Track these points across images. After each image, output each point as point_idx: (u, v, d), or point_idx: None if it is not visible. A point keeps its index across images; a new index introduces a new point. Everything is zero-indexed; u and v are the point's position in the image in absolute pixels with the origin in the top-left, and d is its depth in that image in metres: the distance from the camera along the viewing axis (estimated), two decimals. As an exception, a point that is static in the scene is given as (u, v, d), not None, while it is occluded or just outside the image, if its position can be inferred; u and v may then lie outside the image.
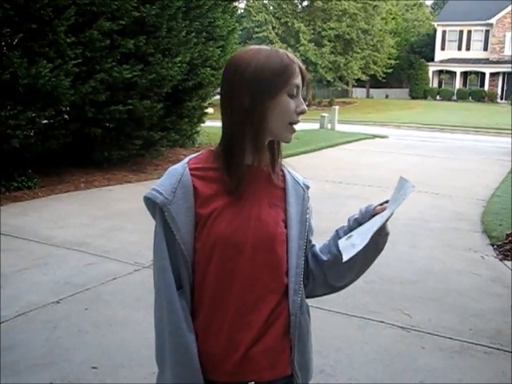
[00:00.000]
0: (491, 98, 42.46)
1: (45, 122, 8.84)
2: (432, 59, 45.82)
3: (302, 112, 1.47)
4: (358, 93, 47.56)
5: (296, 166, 1.69)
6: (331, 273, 1.61)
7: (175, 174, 1.48)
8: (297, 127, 1.53)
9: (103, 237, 6.28)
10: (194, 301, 1.50)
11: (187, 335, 1.45)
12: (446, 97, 43.38)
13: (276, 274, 1.51)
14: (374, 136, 19.54)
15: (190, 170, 1.49)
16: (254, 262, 1.46)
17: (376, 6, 37.24)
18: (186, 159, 1.54)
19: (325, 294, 1.70)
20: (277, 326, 1.51)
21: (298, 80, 1.47)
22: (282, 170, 1.59)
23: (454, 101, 42.42)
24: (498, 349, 3.82)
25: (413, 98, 43.81)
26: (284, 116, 1.46)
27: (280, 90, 1.44)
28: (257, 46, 1.51)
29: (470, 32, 45.25)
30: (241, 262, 1.45)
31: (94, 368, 3.42)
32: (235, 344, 1.48)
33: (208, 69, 11.46)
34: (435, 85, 45.59)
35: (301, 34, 35.37)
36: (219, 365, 1.49)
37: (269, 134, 1.48)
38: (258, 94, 1.43)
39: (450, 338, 3.96)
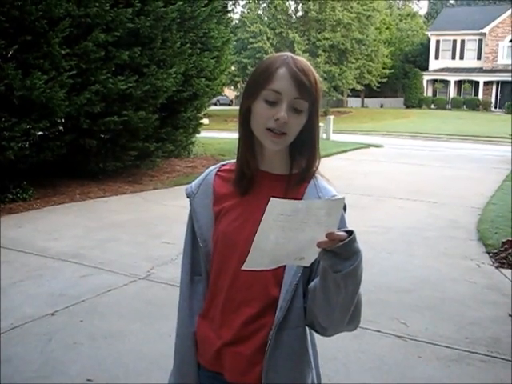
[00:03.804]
0: (485, 106, 42.62)
1: (40, 133, 8.83)
2: (426, 68, 46.01)
3: (278, 119, 1.41)
4: (353, 102, 47.66)
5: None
6: (313, 303, 1.45)
7: (206, 172, 1.63)
8: None
9: (98, 248, 6.25)
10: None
11: (187, 322, 1.59)
12: (441, 105, 43.51)
13: (261, 283, 1.48)
14: (369, 145, 19.57)
15: (219, 170, 1.62)
16: (241, 265, 1.40)
17: (370, 16, 37.40)
18: (226, 161, 1.65)
19: (321, 333, 1.51)
20: (257, 338, 1.50)
21: (280, 86, 1.42)
22: (313, 183, 1.52)
23: (449, 109, 42.53)
24: (495, 357, 3.81)
25: (407, 107, 43.92)
26: (259, 121, 1.45)
27: (256, 94, 1.45)
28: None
29: (463, 41, 45.48)
30: (232, 262, 1.49)
31: (89, 380, 3.40)
32: (216, 337, 1.54)
33: (203, 79, 11.47)
34: (430, 94, 45.74)
35: (295, 45, 35.50)
36: (205, 351, 1.58)
37: (256, 138, 1.50)
38: (243, 97, 1.50)
39: (447, 347, 3.95)
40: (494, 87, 43.73)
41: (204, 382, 1.61)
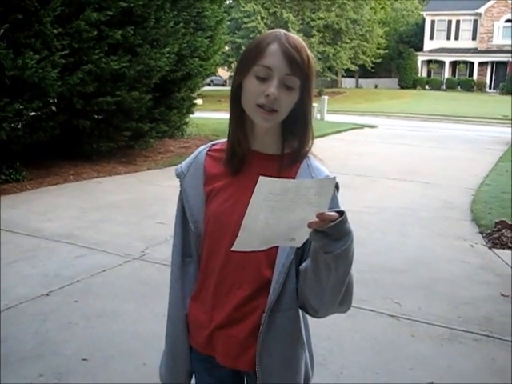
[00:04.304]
0: (480, 87, 42.61)
1: (32, 113, 8.75)
2: (421, 49, 45.87)
3: (268, 95, 1.37)
4: (348, 83, 47.54)
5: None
6: (304, 284, 1.45)
7: (196, 152, 1.60)
8: None
9: (92, 229, 6.25)
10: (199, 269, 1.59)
11: (178, 304, 1.59)
12: (435, 86, 43.45)
13: (253, 264, 1.46)
14: (364, 126, 19.56)
15: (209, 150, 1.59)
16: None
17: (365, -5, 37.20)
18: (216, 141, 1.63)
19: (312, 315, 1.52)
20: (249, 320, 1.49)
21: (271, 62, 1.38)
22: (306, 164, 1.50)
23: (443, 90, 42.50)
24: (487, 336, 3.85)
25: (402, 87, 43.84)
26: (249, 97, 1.42)
27: (247, 70, 1.42)
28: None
29: (458, 22, 45.31)
30: (223, 244, 1.46)
31: (84, 360, 3.41)
32: (209, 319, 1.53)
33: (196, 59, 11.39)
34: (424, 74, 45.66)
35: (289, 25, 35.24)
36: (197, 334, 1.57)
37: (248, 116, 1.47)
38: (235, 74, 1.47)
39: (440, 326, 3.98)
40: (489, 68, 43.69)
41: (196, 364, 1.61)
